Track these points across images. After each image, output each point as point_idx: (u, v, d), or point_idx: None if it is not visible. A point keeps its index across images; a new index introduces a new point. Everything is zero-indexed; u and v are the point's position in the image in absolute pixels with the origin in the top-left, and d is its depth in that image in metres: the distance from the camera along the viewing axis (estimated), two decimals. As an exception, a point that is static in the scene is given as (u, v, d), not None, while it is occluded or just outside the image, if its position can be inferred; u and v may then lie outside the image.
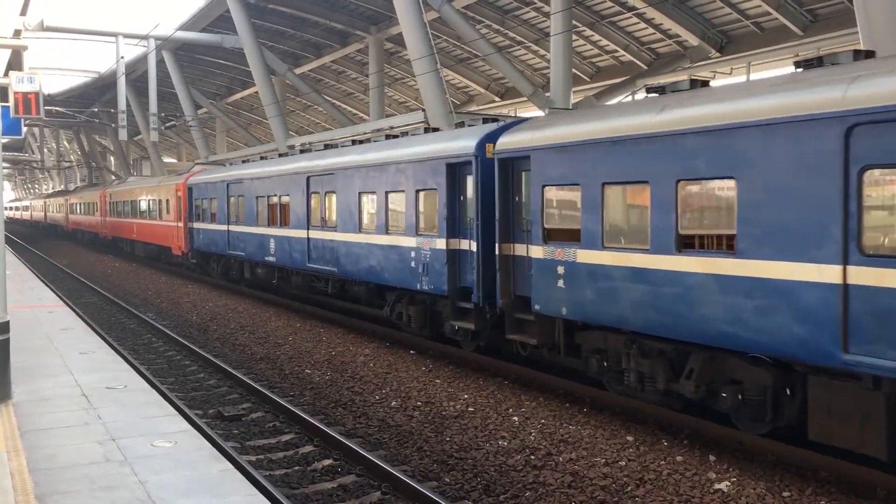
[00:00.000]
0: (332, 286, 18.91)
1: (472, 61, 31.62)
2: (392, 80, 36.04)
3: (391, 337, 16.57)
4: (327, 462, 9.36)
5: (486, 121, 14.66)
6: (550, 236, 11.45)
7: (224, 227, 25.20)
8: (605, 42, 26.36)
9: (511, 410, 11.00)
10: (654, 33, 24.89)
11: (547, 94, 21.39)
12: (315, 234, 18.77)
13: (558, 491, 8.25)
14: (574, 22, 22.02)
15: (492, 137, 12.99)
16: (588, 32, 25.82)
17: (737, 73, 23.82)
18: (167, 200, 32.00)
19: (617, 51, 26.67)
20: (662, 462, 8.84)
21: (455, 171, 13.65)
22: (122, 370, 11.26)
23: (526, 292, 12.03)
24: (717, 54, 23.48)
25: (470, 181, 13.29)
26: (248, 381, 12.92)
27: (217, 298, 23.78)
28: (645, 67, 26.07)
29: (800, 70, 8.71)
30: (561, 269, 11.04)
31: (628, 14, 24.05)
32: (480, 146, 13.00)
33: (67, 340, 13.58)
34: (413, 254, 14.42)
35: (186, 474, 6.84)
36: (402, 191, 14.93)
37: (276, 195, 21.03)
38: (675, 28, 23.34)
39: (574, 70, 24.74)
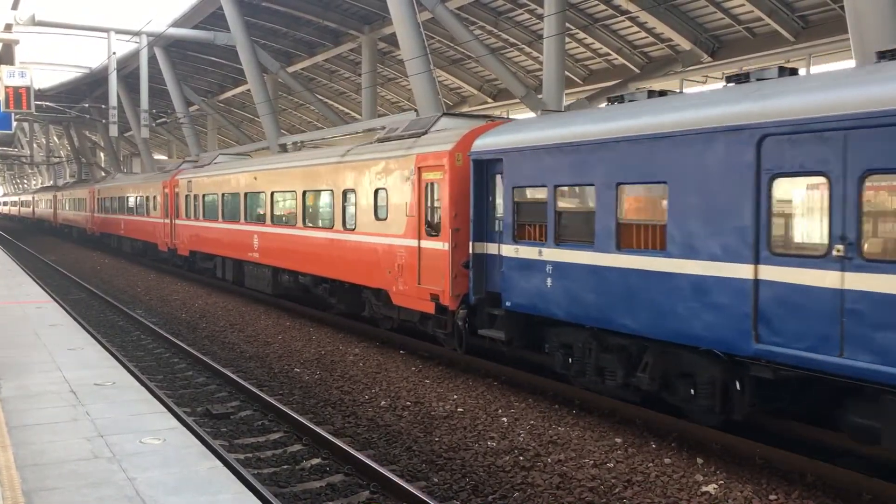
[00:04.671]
0: None
1: (465, 62, 31.64)
2: (385, 79, 36.02)
3: (381, 337, 16.56)
4: (316, 461, 9.36)
5: None
6: None
7: (747, 272, 8.31)
8: (597, 45, 26.43)
9: (500, 411, 11.02)
10: (647, 37, 24.97)
11: (539, 97, 21.43)
12: None
13: (547, 492, 8.28)
14: (567, 24, 22.08)
15: None
16: (581, 35, 25.89)
17: (728, 78, 23.91)
18: (385, 191, 15.20)
19: (610, 54, 26.74)
20: (650, 464, 8.88)
21: None
22: (111, 367, 11.21)
23: None
24: (709, 59, 23.57)
25: None
26: (237, 379, 12.90)
27: (206, 296, 23.70)
28: (637, 71, 26.15)
29: None
30: None
31: (621, 17, 24.12)
32: None
33: (56, 337, 13.50)
34: None
35: (175, 472, 6.82)
36: None
37: None
38: (667, 32, 23.42)
39: (567, 73, 24.79)
